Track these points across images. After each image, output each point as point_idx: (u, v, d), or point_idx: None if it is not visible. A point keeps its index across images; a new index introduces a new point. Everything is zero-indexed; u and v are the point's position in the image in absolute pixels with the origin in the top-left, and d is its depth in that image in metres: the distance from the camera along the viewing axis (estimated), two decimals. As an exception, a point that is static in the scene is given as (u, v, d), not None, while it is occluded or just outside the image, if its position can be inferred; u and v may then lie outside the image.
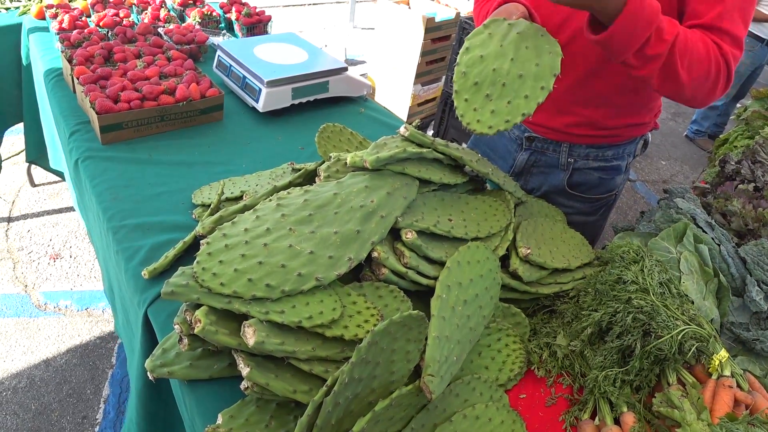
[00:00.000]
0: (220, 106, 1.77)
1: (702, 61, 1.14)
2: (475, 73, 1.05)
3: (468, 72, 1.05)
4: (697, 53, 1.13)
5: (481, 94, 1.04)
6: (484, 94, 1.04)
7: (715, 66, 1.16)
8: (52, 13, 2.29)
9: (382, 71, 4.39)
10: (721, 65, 1.16)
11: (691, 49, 1.12)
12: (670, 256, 1.24)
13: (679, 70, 1.12)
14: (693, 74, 1.14)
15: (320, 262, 0.90)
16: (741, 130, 2.89)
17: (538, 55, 1.03)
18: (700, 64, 1.14)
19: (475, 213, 1.11)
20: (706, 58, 1.14)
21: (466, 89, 1.05)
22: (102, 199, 1.42)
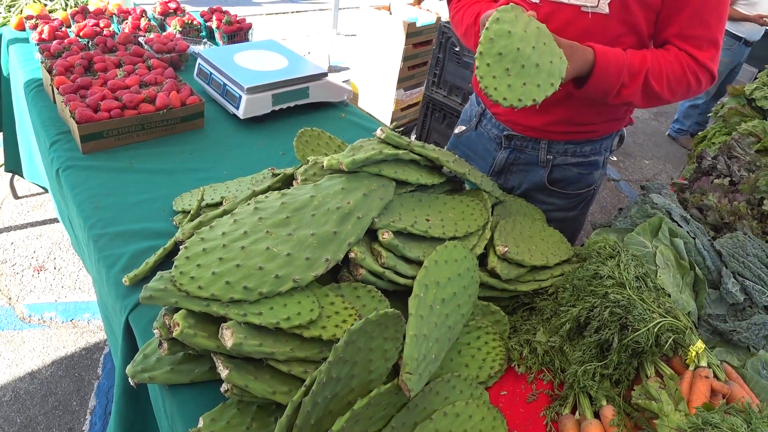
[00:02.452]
0: (201, 113, 1.78)
1: (679, 78, 1.27)
2: (502, 45, 1.06)
3: (495, 40, 1.06)
4: (673, 72, 1.27)
5: (502, 66, 1.06)
6: (504, 67, 1.06)
7: (693, 76, 1.28)
8: (31, 24, 2.29)
9: (365, 77, 4.41)
10: (699, 73, 1.29)
11: (666, 72, 1.26)
12: (646, 251, 1.26)
13: (657, 91, 1.27)
14: (673, 90, 1.29)
15: (297, 264, 0.90)
16: (718, 127, 2.93)
17: (552, 54, 1.08)
18: (678, 81, 1.28)
19: (452, 213, 1.13)
20: (682, 74, 1.27)
21: (490, 55, 1.06)
22: (83, 208, 1.42)
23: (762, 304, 1.26)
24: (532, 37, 1.07)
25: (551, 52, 1.08)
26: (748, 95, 3.04)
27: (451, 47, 3.49)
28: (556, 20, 1.35)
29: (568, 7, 1.33)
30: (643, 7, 1.29)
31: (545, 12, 1.36)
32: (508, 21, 1.07)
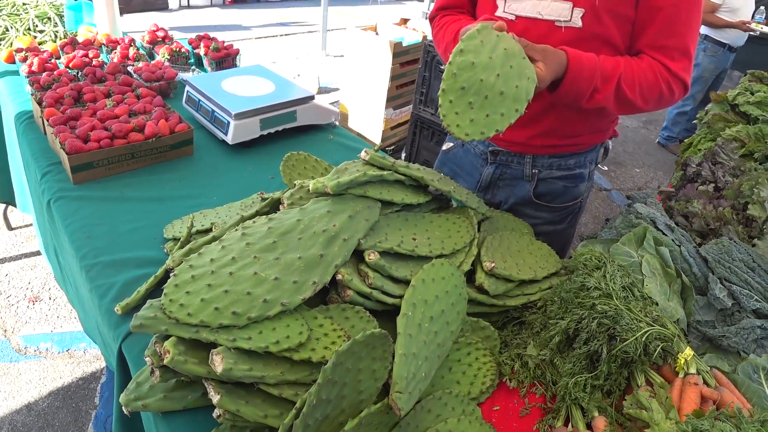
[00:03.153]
0: (190, 140, 1.80)
1: (652, 86, 1.30)
2: (464, 78, 1.07)
3: (458, 75, 1.08)
4: (646, 80, 1.29)
5: (465, 100, 1.07)
6: (467, 101, 1.07)
7: (666, 85, 1.31)
8: (21, 57, 2.31)
9: (354, 97, 4.45)
10: (671, 82, 1.32)
11: (639, 79, 1.29)
12: (632, 260, 1.27)
13: (630, 98, 1.29)
14: (646, 98, 1.31)
15: (285, 288, 0.92)
16: (704, 133, 2.97)
17: (519, 78, 1.08)
18: (651, 88, 1.30)
19: (439, 231, 1.14)
20: (654, 82, 1.30)
21: (453, 91, 1.07)
22: (75, 238, 1.43)
23: (750, 308, 1.27)
24: (497, 62, 1.08)
25: (518, 74, 1.08)
26: (731, 101, 3.08)
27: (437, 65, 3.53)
28: (531, 36, 1.38)
29: (542, 22, 1.37)
30: (616, 19, 1.32)
31: (521, 28, 1.40)
32: (473, 50, 1.08)
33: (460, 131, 1.06)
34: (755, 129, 2.63)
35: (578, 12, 1.32)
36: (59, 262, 1.80)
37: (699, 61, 5.45)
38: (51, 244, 1.83)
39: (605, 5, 1.30)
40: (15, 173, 2.38)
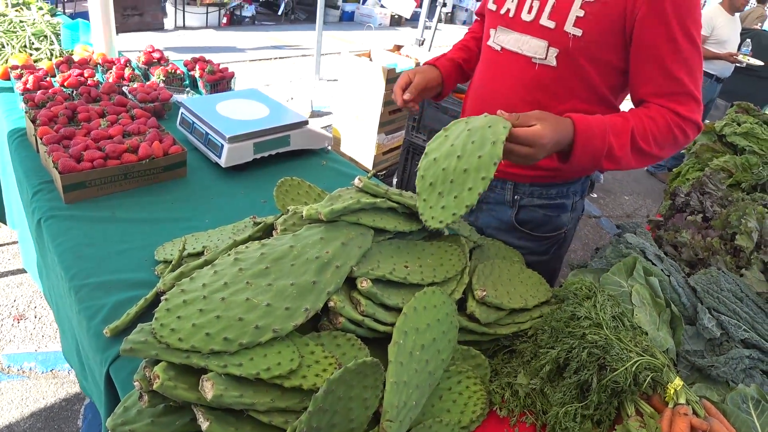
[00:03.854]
0: (183, 162, 1.80)
1: (664, 133, 1.30)
2: (430, 175, 1.14)
3: (425, 175, 1.15)
4: (657, 128, 1.30)
5: (435, 193, 1.12)
6: (437, 193, 1.12)
7: (678, 130, 1.31)
8: (16, 74, 2.31)
9: (347, 122, 4.49)
10: (684, 126, 1.32)
11: (650, 128, 1.29)
12: (622, 290, 1.28)
13: (646, 149, 1.29)
14: (661, 145, 1.31)
15: (277, 314, 0.91)
16: (692, 163, 3.01)
17: (481, 147, 1.09)
18: (665, 136, 1.30)
19: (431, 259, 1.15)
20: (666, 129, 1.30)
21: (424, 190, 1.14)
22: (64, 258, 1.42)
23: (738, 338, 1.28)
24: (459, 145, 1.13)
25: (480, 146, 1.10)
26: (718, 131, 3.13)
27: (430, 92, 3.56)
28: (512, 69, 1.44)
29: (521, 57, 1.42)
30: (595, 63, 1.35)
31: (504, 59, 1.45)
32: (435, 148, 1.17)
33: (434, 222, 1.11)
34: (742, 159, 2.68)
35: (553, 51, 1.36)
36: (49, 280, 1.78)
37: (687, 91, 5.55)
38: (41, 263, 1.82)
39: (582, 49, 1.33)
40: (6, 190, 2.37)
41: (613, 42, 1.32)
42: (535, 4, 1.37)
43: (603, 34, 1.31)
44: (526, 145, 1.14)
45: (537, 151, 1.16)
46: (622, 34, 1.31)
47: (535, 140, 1.14)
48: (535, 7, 1.37)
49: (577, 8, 1.30)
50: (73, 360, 1.53)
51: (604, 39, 1.32)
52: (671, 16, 1.25)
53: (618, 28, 1.30)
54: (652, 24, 1.26)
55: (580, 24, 1.30)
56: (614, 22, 1.29)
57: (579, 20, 1.30)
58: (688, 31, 1.27)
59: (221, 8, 10.16)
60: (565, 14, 1.32)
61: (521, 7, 1.41)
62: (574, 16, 1.31)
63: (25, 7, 3.44)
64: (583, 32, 1.31)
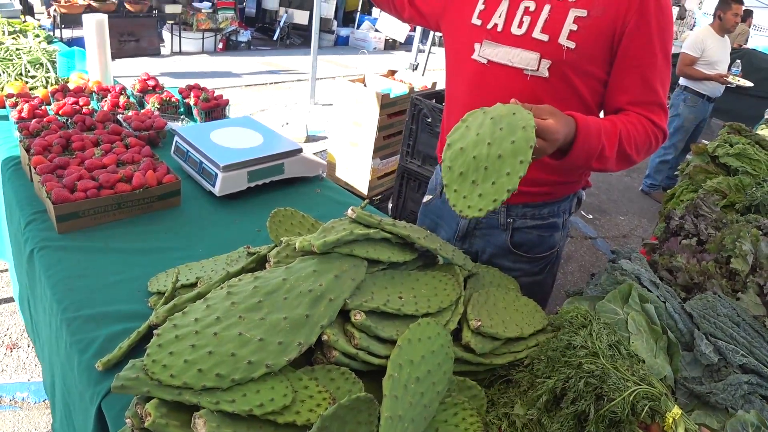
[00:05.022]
0: (177, 191, 1.80)
1: (643, 139, 1.38)
2: (459, 165, 1.12)
3: (452, 166, 1.12)
4: (638, 134, 1.37)
5: (468, 182, 1.10)
6: (470, 181, 1.10)
7: (654, 138, 1.41)
8: (11, 102, 2.32)
9: (342, 147, 4.51)
10: (658, 134, 1.42)
11: (633, 134, 1.36)
12: (618, 318, 1.28)
13: (628, 152, 1.36)
14: (639, 150, 1.38)
15: (270, 349, 0.91)
16: (685, 185, 3.02)
17: (512, 133, 1.09)
18: (643, 142, 1.38)
19: (425, 289, 1.14)
20: (645, 135, 1.38)
21: (454, 181, 1.11)
22: (56, 290, 1.41)
23: (736, 363, 1.28)
24: (486, 134, 1.11)
25: (511, 132, 1.09)
26: (711, 153, 3.15)
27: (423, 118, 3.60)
28: (502, 81, 1.46)
29: (511, 69, 1.44)
30: (584, 76, 1.41)
31: (492, 72, 1.47)
32: (458, 138, 1.14)
33: (473, 210, 1.09)
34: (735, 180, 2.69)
35: (545, 63, 1.39)
36: (30, 314, 1.77)
37: (680, 111, 5.62)
38: (25, 294, 1.81)
39: (574, 61, 1.38)
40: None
41: (602, 55, 1.39)
42: (526, 19, 1.42)
43: (594, 47, 1.37)
44: (541, 138, 1.15)
45: (549, 146, 1.17)
46: (610, 46, 1.38)
47: (550, 134, 1.16)
48: (525, 22, 1.42)
49: (570, 23, 1.35)
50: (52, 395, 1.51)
51: (594, 52, 1.38)
52: (654, 32, 1.35)
53: (608, 41, 1.37)
54: (639, 38, 1.35)
55: (573, 37, 1.36)
56: (605, 36, 1.36)
57: (572, 33, 1.35)
58: (665, 47, 1.38)
59: (217, 34, 10.24)
60: (559, 28, 1.37)
61: (510, 21, 1.45)
62: (568, 30, 1.36)
63: (21, 35, 3.47)
64: (577, 45, 1.36)
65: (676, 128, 5.66)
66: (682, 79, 5.59)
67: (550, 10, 1.38)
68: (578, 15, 1.34)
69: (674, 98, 5.68)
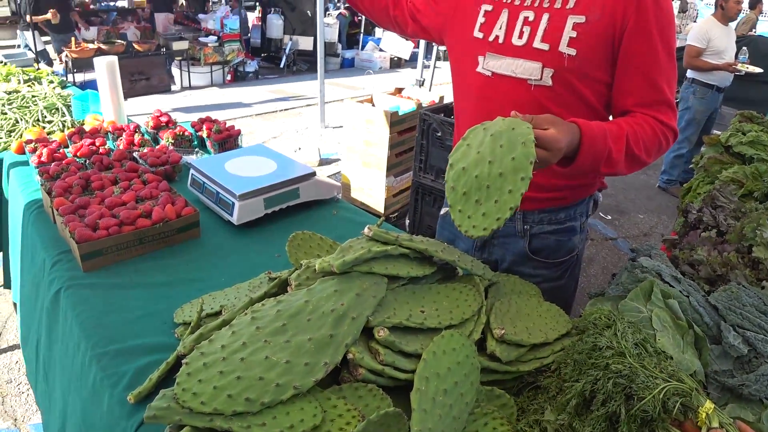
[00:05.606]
0: (197, 223, 1.83)
1: (652, 140, 1.37)
2: (462, 185, 1.14)
3: (455, 186, 1.14)
4: (646, 135, 1.36)
5: (471, 202, 1.12)
6: (473, 201, 1.12)
7: (664, 138, 1.39)
8: (31, 148, 2.38)
9: (355, 167, 4.55)
10: (668, 133, 1.40)
11: (641, 135, 1.35)
12: (642, 316, 1.27)
13: (638, 154, 1.35)
14: (650, 152, 1.38)
15: (297, 371, 0.92)
16: (701, 177, 3.01)
17: (512, 149, 1.10)
18: (652, 143, 1.37)
19: (446, 301, 1.15)
20: (653, 135, 1.37)
21: (457, 201, 1.13)
22: (85, 327, 1.44)
23: (767, 353, 1.26)
24: (486, 152, 1.13)
25: (510, 148, 1.10)
26: (724, 143, 3.13)
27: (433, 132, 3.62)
28: (508, 92, 1.47)
29: (515, 79, 1.46)
30: (588, 81, 1.41)
31: (496, 84, 1.49)
32: (460, 158, 1.16)
33: (477, 230, 1.10)
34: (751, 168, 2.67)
35: (548, 72, 1.40)
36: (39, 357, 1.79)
37: (690, 104, 5.58)
38: (35, 337, 1.83)
39: (576, 68, 1.38)
40: (13, 261, 2.41)
41: (604, 58, 1.39)
42: (526, 29, 1.43)
43: (595, 52, 1.38)
44: (543, 148, 1.16)
45: (553, 155, 1.18)
46: (611, 49, 1.38)
47: (553, 144, 1.16)
48: (525, 32, 1.43)
49: (569, 30, 1.36)
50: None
51: (595, 57, 1.38)
52: (654, 31, 1.34)
53: (608, 45, 1.37)
54: (639, 38, 1.35)
55: (573, 44, 1.36)
56: (605, 40, 1.36)
57: (572, 40, 1.36)
58: (667, 44, 1.37)
59: (225, 66, 10.41)
60: (559, 36, 1.38)
61: (510, 33, 1.46)
62: (567, 37, 1.37)
63: (36, 82, 3.57)
64: (577, 51, 1.37)
65: (688, 121, 5.62)
66: (690, 72, 5.57)
67: (549, 18, 1.39)
68: (577, 21, 1.35)
69: (683, 91, 5.65)
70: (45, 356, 1.77)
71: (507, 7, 1.48)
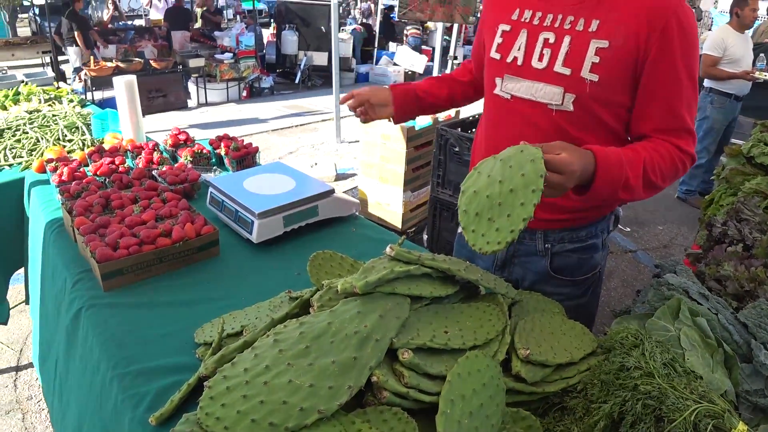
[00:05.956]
0: (216, 242, 1.84)
1: (669, 166, 1.35)
2: (474, 207, 1.14)
3: (468, 209, 1.14)
4: (663, 161, 1.33)
5: (484, 221, 1.12)
6: (486, 219, 1.11)
7: (681, 164, 1.37)
8: (52, 167, 2.41)
9: (372, 183, 4.55)
10: (685, 160, 1.38)
11: (658, 161, 1.33)
12: (670, 334, 1.24)
13: (653, 180, 1.32)
14: (665, 177, 1.35)
15: (321, 394, 0.91)
16: (723, 189, 2.96)
17: (521, 167, 1.10)
18: (669, 169, 1.35)
19: (470, 321, 1.14)
20: (671, 161, 1.35)
21: (470, 222, 1.13)
22: (106, 347, 1.44)
23: (800, 373, 1.23)
24: (497, 174, 1.13)
25: (520, 167, 1.11)
26: (746, 153, 3.08)
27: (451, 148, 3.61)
28: (527, 116, 1.45)
29: (536, 103, 1.43)
30: (610, 106, 1.39)
31: (515, 107, 1.47)
32: (471, 184, 1.17)
33: (491, 246, 1.09)
34: (776, 180, 2.62)
35: (570, 97, 1.37)
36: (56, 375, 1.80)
37: (707, 113, 5.53)
38: (52, 356, 1.84)
39: (598, 94, 1.36)
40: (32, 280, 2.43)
41: (626, 84, 1.36)
42: (546, 52, 1.40)
43: (617, 78, 1.35)
44: (556, 172, 1.15)
45: (567, 179, 1.16)
46: (633, 75, 1.35)
47: (565, 167, 1.15)
48: (546, 55, 1.40)
49: (592, 54, 1.33)
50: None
51: (617, 83, 1.35)
52: (678, 58, 1.31)
53: (630, 71, 1.34)
54: (662, 65, 1.31)
55: (596, 70, 1.33)
56: (627, 66, 1.33)
57: (595, 66, 1.33)
58: (691, 71, 1.34)
59: (240, 82, 10.53)
60: (581, 61, 1.34)
61: (530, 54, 1.43)
62: (590, 63, 1.33)
63: (57, 101, 3.62)
64: (600, 77, 1.34)
65: (706, 131, 5.56)
66: (707, 81, 5.52)
67: (571, 41, 1.36)
68: (600, 46, 1.32)
69: (701, 101, 5.60)
70: (61, 376, 1.78)
71: (526, 27, 1.44)
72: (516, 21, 1.47)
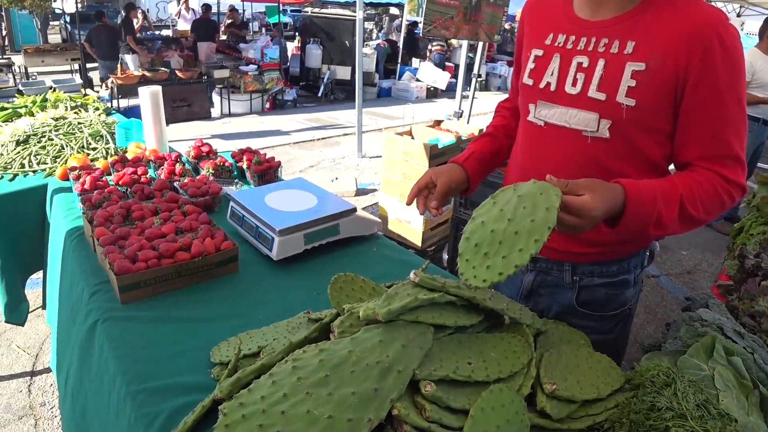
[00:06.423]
0: (235, 257, 1.82)
1: (712, 197, 1.26)
2: (476, 237, 1.12)
3: (470, 237, 1.12)
4: (705, 193, 1.25)
5: (480, 254, 1.09)
6: (483, 254, 1.09)
7: (726, 194, 1.27)
8: (74, 175, 2.42)
9: (393, 200, 4.52)
10: (731, 190, 1.28)
11: (699, 194, 1.25)
12: (703, 374, 1.19)
13: (694, 215, 1.24)
14: (708, 210, 1.27)
15: (339, 427, 0.87)
16: (754, 218, 2.88)
17: (534, 213, 1.08)
18: (712, 201, 1.26)
19: (494, 352, 1.10)
20: (714, 193, 1.26)
21: (467, 251, 1.11)
22: (122, 362, 1.42)
23: (839, 416, 1.17)
24: (509, 210, 1.11)
25: (532, 211, 1.08)
26: (778, 182, 3.01)
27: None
28: (561, 144, 1.39)
29: (570, 130, 1.37)
30: (648, 132, 1.32)
31: (549, 134, 1.42)
32: (483, 213, 1.15)
33: (477, 280, 1.06)
34: (809, 211, 2.55)
35: (605, 123, 1.31)
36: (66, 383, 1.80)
37: (735, 138, 5.42)
38: (70, 365, 1.82)
39: (636, 120, 1.29)
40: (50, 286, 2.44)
41: (665, 108, 1.29)
42: (580, 77, 1.35)
43: (656, 103, 1.28)
44: (574, 215, 1.11)
45: (586, 223, 1.12)
46: (673, 100, 1.28)
47: (585, 211, 1.11)
48: (580, 80, 1.34)
49: (628, 78, 1.27)
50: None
51: (656, 107, 1.29)
52: (722, 80, 1.23)
53: (670, 94, 1.27)
54: (704, 88, 1.24)
55: (632, 94, 1.27)
56: (667, 89, 1.27)
57: (631, 90, 1.27)
58: (736, 92, 1.26)
59: (264, 94, 10.62)
60: (616, 85, 1.29)
61: (563, 80, 1.38)
62: (626, 86, 1.28)
63: (83, 108, 3.66)
64: (637, 102, 1.28)
65: (734, 156, 5.46)
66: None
67: (605, 65, 1.30)
68: (636, 69, 1.26)
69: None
70: (74, 386, 1.76)
71: (559, 52, 1.40)
72: (549, 45, 1.42)
